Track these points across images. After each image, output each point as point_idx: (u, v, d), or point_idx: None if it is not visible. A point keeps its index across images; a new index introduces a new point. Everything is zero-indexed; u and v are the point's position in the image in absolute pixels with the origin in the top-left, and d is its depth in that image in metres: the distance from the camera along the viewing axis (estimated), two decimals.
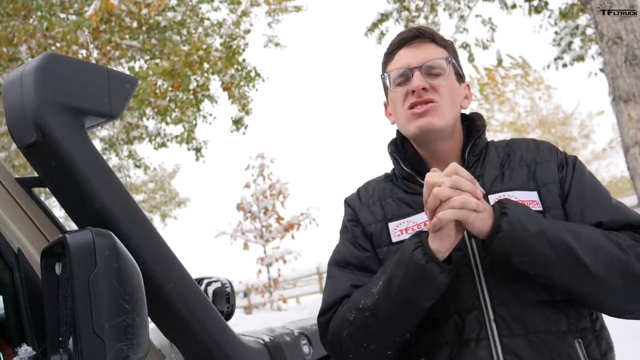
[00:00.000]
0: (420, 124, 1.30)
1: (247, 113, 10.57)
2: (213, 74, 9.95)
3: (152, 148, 10.99)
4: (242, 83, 10.30)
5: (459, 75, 1.40)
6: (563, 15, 9.69)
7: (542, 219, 1.19)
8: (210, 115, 10.66)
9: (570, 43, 9.92)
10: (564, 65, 10.04)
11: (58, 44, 8.29)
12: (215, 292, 1.52)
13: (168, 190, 21.60)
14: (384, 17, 9.71)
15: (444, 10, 9.95)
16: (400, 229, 1.32)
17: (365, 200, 1.42)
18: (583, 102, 30.13)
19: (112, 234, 0.91)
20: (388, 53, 1.42)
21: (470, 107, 1.47)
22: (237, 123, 10.64)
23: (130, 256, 0.92)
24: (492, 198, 1.26)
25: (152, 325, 1.15)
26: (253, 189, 13.69)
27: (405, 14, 9.62)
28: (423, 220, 1.30)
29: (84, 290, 0.83)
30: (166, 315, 1.19)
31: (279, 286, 14.63)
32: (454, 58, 1.38)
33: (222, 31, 10.17)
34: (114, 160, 12.72)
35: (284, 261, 13.38)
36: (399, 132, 1.44)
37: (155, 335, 1.27)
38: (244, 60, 10.26)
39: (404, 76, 1.35)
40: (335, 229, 1.48)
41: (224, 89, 10.26)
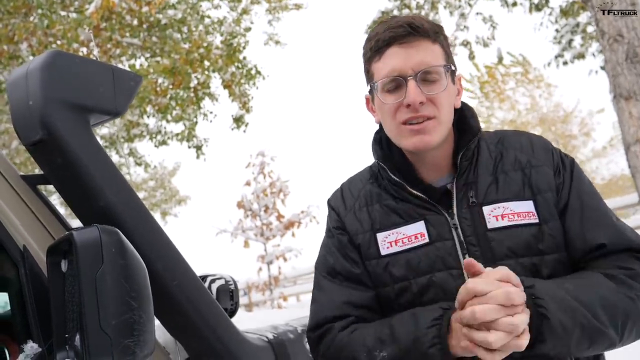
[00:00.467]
0: (417, 142, 1.20)
1: (248, 111, 10.57)
2: (214, 71, 9.94)
3: (153, 146, 10.99)
4: (243, 81, 10.30)
5: (453, 73, 1.27)
6: (564, 12, 9.68)
7: (570, 298, 1.08)
8: (210, 113, 10.67)
9: (570, 41, 9.91)
10: (565, 63, 10.02)
11: (59, 42, 8.28)
12: (219, 290, 1.53)
13: (168, 188, 21.60)
14: (385, 15, 9.70)
15: (444, 7, 9.95)
16: (389, 241, 1.25)
17: (350, 205, 1.33)
18: (583, 100, 30.16)
19: (118, 230, 0.91)
20: (375, 49, 1.24)
21: (471, 105, 1.37)
22: (238, 121, 10.64)
23: (136, 253, 0.92)
24: (487, 210, 1.21)
25: (156, 322, 1.15)
26: (253, 187, 13.68)
27: (405, 11, 9.62)
28: (413, 233, 1.23)
29: (91, 287, 0.83)
30: (170, 312, 1.19)
31: (280, 284, 14.62)
32: (446, 53, 1.25)
33: (223, 29, 10.17)
34: (114, 158, 12.72)
35: (285, 259, 13.37)
36: (383, 131, 1.33)
37: (160, 332, 1.27)
38: (244, 58, 10.26)
39: (396, 84, 1.21)
40: None
41: (225, 87, 10.26)
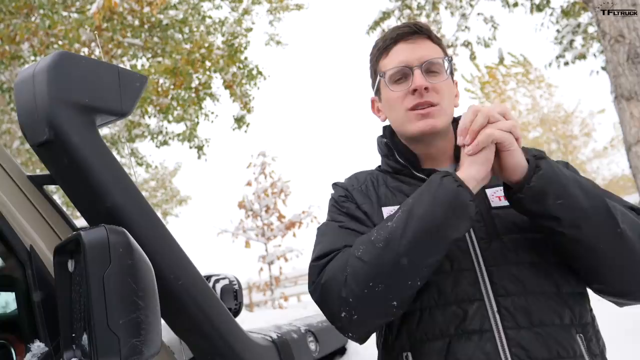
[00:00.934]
0: (424, 126, 1.29)
1: (249, 111, 10.59)
2: (215, 72, 9.96)
3: (154, 146, 11.00)
4: (244, 81, 10.32)
5: (452, 74, 1.38)
6: (565, 13, 9.69)
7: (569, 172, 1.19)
8: (212, 113, 10.69)
9: (571, 41, 9.92)
10: (566, 63, 10.04)
11: (60, 42, 8.29)
12: (223, 290, 1.53)
13: (169, 188, 21.64)
14: (386, 15, 9.72)
15: (445, 8, 9.96)
16: None
17: (357, 185, 1.38)
18: (584, 101, 30.23)
19: (126, 231, 0.91)
20: (383, 48, 1.36)
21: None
22: (239, 121, 10.66)
23: (143, 253, 0.92)
24: (490, 192, 1.26)
25: (161, 322, 1.16)
26: (255, 187, 13.70)
27: (407, 12, 9.63)
28: None
29: (99, 287, 0.83)
30: (175, 312, 1.19)
31: (280, 284, 14.63)
32: (446, 54, 1.36)
33: (224, 29, 10.19)
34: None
35: (286, 259, 13.39)
36: (387, 130, 1.42)
37: (164, 332, 1.27)
38: (245, 58, 10.28)
39: (403, 74, 1.31)
40: None
41: (226, 87, 10.28)
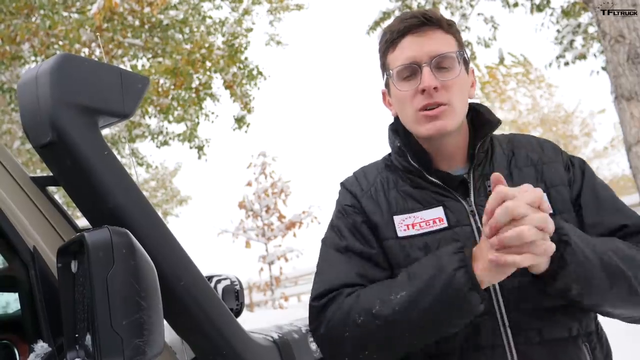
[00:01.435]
0: (434, 128, 1.22)
1: (249, 111, 10.59)
2: (215, 72, 9.96)
3: (155, 146, 11.00)
4: (244, 81, 10.31)
5: (466, 63, 1.29)
6: (565, 13, 9.69)
7: (592, 240, 1.11)
8: (212, 113, 10.69)
9: (572, 41, 9.92)
10: (566, 63, 10.04)
11: (61, 43, 8.30)
12: (224, 290, 1.54)
13: (170, 188, 21.64)
14: (386, 16, 9.71)
15: (445, 8, 9.95)
16: (407, 224, 1.23)
17: (366, 189, 1.30)
18: (584, 101, 30.22)
19: (128, 232, 0.92)
20: (390, 40, 1.27)
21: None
22: (239, 121, 10.65)
23: (145, 254, 0.93)
24: None
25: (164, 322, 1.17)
26: (255, 187, 13.71)
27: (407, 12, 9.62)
28: (432, 218, 1.21)
29: (102, 288, 0.84)
30: (177, 312, 1.20)
31: (281, 284, 14.64)
32: (459, 44, 1.27)
33: (224, 29, 10.19)
34: None
35: (286, 259, 13.40)
36: (398, 122, 1.33)
37: (166, 332, 1.28)
38: (246, 58, 10.28)
39: (411, 71, 1.23)
40: None
41: (226, 87, 10.27)
